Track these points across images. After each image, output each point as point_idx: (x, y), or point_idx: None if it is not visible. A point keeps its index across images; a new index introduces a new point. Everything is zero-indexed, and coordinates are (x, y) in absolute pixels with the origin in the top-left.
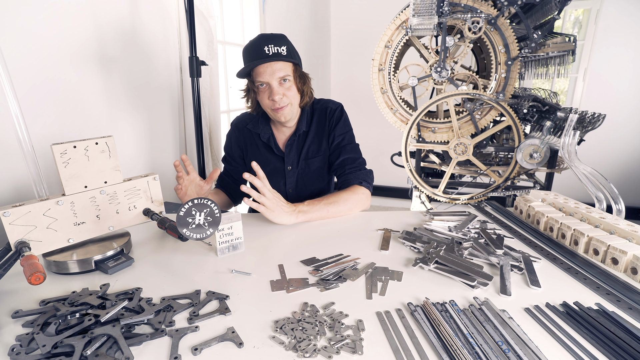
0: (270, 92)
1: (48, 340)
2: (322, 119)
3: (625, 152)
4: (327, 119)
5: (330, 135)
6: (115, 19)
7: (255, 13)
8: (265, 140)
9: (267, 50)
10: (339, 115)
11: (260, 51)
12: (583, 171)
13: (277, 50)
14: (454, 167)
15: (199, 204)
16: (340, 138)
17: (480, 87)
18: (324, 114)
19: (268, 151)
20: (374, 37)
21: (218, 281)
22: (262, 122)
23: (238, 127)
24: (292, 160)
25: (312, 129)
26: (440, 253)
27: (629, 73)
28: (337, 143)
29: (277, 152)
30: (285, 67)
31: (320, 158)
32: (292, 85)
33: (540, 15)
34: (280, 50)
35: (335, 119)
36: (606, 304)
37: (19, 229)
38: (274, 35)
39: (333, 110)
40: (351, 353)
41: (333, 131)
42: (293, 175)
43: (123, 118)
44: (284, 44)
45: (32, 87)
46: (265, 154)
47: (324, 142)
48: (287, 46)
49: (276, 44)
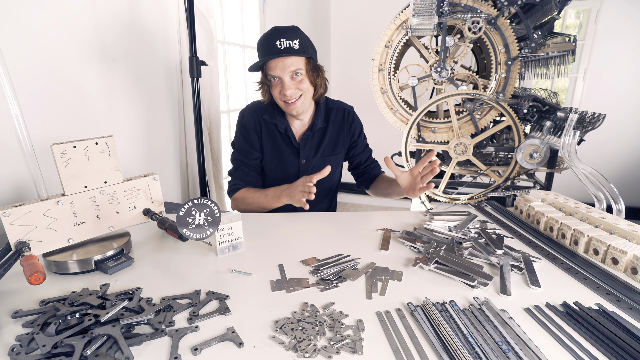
0: (282, 86)
1: (48, 340)
2: (340, 118)
3: (625, 152)
4: (347, 122)
5: (351, 139)
6: (115, 19)
7: (255, 13)
8: (283, 131)
9: (279, 44)
10: (358, 119)
11: (272, 45)
12: (583, 171)
13: (290, 44)
14: (454, 167)
15: (199, 204)
16: (364, 141)
17: (480, 87)
18: (342, 115)
19: (284, 142)
20: (374, 37)
21: (218, 281)
22: (277, 112)
23: (253, 115)
24: (308, 154)
25: (330, 127)
26: (440, 253)
27: (629, 73)
28: (362, 145)
29: (294, 144)
30: (297, 62)
31: (335, 157)
32: (305, 78)
33: (540, 15)
34: (293, 44)
35: (356, 123)
36: (606, 304)
37: (19, 229)
38: (287, 28)
39: (350, 113)
40: (351, 353)
41: (359, 136)
42: (307, 169)
43: (123, 118)
44: (297, 37)
45: (32, 87)
46: (282, 144)
47: (340, 142)
48: (300, 39)
49: (288, 37)
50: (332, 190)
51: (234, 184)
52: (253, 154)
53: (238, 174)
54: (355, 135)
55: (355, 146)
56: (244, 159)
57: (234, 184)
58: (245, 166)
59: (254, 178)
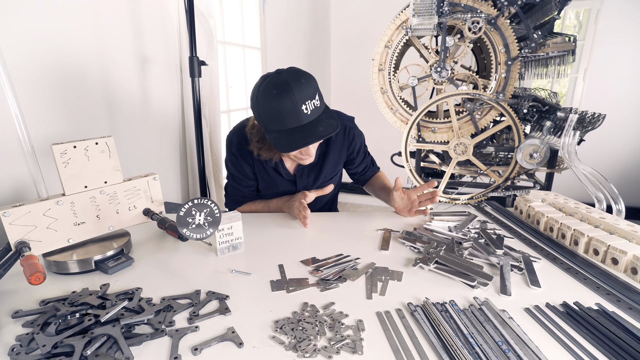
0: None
1: (48, 340)
2: (341, 138)
3: (625, 152)
4: (347, 140)
5: (350, 155)
6: (115, 19)
7: (255, 13)
8: (273, 166)
9: (306, 109)
10: (358, 133)
11: (300, 115)
12: (583, 171)
13: (314, 104)
14: (454, 167)
15: (199, 204)
16: (364, 153)
17: (480, 87)
18: (342, 134)
19: (277, 174)
20: (374, 37)
21: (218, 281)
22: (265, 150)
23: (241, 146)
24: (305, 184)
25: (331, 151)
26: (440, 253)
27: (629, 73)
28: (360, 157)
29: (287, 177)
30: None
31: (336, 177)
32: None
33: (540, 15)
34: (315, 102)
35: (357, 138)
36: (606, 304)
37: (19, 229)
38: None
39: (350, 129)
40: (351, 353)
41: (359, 152)
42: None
43: (123, 118)
44: (315, 90)
45: (32, 87)
46: (275, 176)
47: (340, 161)
48: (317, 92)
49: (310, 96)
50: (333, 196)
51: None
52: (247, 182)
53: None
54: (355, 152)
55: (354, 159)
56: (238, 187)
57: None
58: (240, 194)
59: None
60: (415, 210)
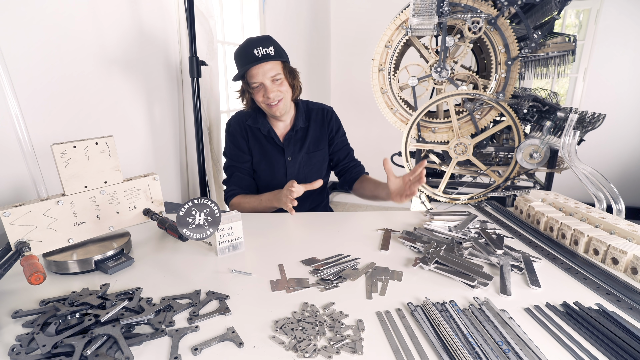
0: (264, 91)
1: (48, 340)
2: (320, 118)
3: (625, 152)
4: (326, 120)
5: (330, 135)
6: (115, 19)
7: (255, 13)
8: (266, 133)
9: (257, 52)
10: (336, 117)
11: (250, 54)
12: (583, 171)
13: (266, 51)
14: (454, 167)
15: (199, 204)
16: (342, 139)
17: (480, 87)
18: (322, 114)
19: (269, 143)
20: (374, 37)
21: (218, 281)
22: (260, 117)
23: (238, 123)
24: (293, 151)
25: (312, 126)
26: (440, 253)
27: (629, 73)
28: (340, 142)
29: (278, 143)
30: (275, 66)
31: (320, 153)
32: (284, 80)
33: (540, 15)
34: (269, 51)
35: (334, 120)
36: (606, 304)
37: (19, 229)
38: (261, 38)
39: (329, 112)
40: (351, 353)
41: (337, 133)
42: (294, 166)
43: (123, 118)
44: (271, 44)
45: (32, 87)
46: (267, 145)
47: (322, 140)
48: (274, 46)
49: (264, 45)
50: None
51: (230, 189)
52: (243, 157)
53: (233, 180)
54: (334, 131)
55: (334, 143)
56: (236, 164)
57: (230, 189)
58: (238, 171)
59: (247, 182)
60: (405, 195)
